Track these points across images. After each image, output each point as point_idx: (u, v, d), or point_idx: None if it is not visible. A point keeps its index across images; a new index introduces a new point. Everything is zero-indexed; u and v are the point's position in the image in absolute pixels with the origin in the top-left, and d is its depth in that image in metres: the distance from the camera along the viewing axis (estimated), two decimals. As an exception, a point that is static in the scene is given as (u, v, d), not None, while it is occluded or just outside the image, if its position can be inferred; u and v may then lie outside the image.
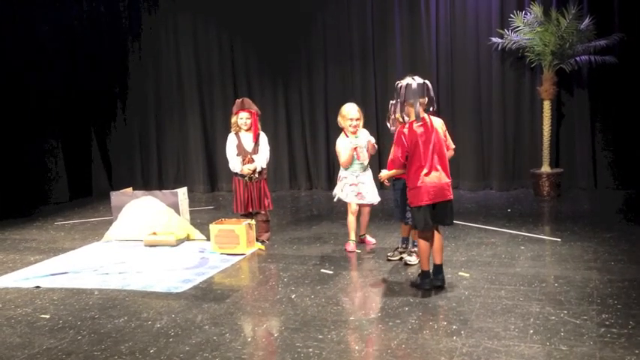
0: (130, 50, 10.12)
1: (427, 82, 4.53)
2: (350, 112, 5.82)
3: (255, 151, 6.15)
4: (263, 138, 6.25)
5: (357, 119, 5.81)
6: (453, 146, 4.80)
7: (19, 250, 6.56)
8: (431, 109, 4.54)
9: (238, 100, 6.29)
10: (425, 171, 4.42)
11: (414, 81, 4.47)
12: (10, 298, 4.94)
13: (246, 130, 6.18)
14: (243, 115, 6.14)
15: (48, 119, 9.40)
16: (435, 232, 4.62)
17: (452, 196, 4.55)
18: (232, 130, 6.25)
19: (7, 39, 8.82)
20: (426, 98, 4.50)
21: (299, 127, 9.55)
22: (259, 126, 6.23)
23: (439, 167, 4.47)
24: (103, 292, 5.00)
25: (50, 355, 3.78)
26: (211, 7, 9.58)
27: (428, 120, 4.51)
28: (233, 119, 6.23)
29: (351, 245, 5.85)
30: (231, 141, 6.23)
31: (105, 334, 4.07)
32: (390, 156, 4.60)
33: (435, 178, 4.44)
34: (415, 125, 4.45)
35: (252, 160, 6.13)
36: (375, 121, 8.92)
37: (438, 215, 4.54)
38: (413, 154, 4.46)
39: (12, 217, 8.26)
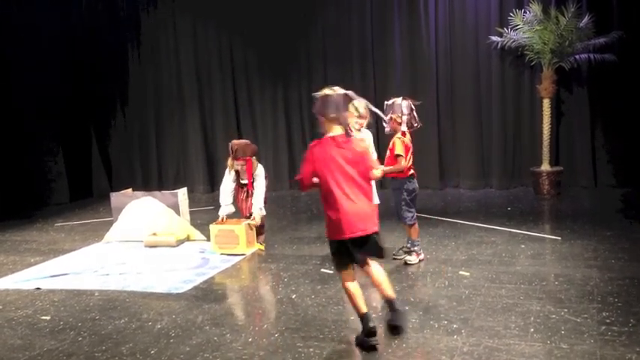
0: (130, 51, 10.12)
1: (350, 92, 3.77)
2: (358, 109, 5.81)
3: (251, 186, 6.09)
4: (260, 177, 6.08)
5: (364, 117, 5.78)
6: (378, 166, 4.05)
7: (19, 252, 6.56)
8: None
9: (233, 147, 6.01)
10: (343, 198, 3.62)
11: (334, 92, 3.72)
12: (11, 300, 4.94)
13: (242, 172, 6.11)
14: (238, 163, 6.01)
15: (48, 121, 9.39)
16: (370, 267, 3.77)
17: (377, 229, 3.75)
18: (228, 168, 6.12)
19: (7, 41, 8.82)
20: (343, 112, 3.72)
21: (298, 128, 9.55)
22: (254, 167, 6.06)
23: (360, 194, 3.68)
24: (104, 293, 5.00)
25: (51, 357, 3.78)
26: (211, 9, 9.57)
27: (352, 136, 3.74)
28: (229, 162, 6.09)
29: None
30: (228, 179, 6.12)
31: (106, 335, 4.07)
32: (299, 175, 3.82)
33: (356, 207, 3.63)
34: (330, 141, 3.68)
35: (245, 202, 6.14)
36: (375, 122, 8.90)
37: (365, 249, 3.72)
38: (326, 177, 3.64)
39: (12, 218, 8.26)
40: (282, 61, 9.42)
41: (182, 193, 7.00)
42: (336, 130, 3.72)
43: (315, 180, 3.71)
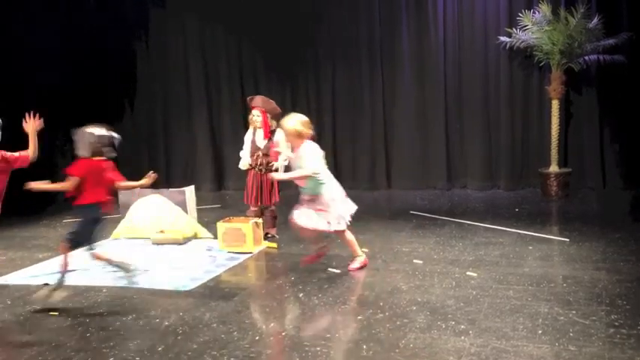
0: (138, 49, 10.15)
1: None
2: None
3: (267, 149, 6.13)
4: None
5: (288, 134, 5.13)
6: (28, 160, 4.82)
7: (27, 248, 6.59)
8: None
9: (250, 97, 6.41)
10: None
11: None
12: (19, 296, 4.97)
13: (259, 127, 6.23)
14: (255, 112, 6.22)
15: (55, 119, 9.38)
16: None
17: None
18: (250, 125, 6.35)
19: (14, 37, 8.84)
20: None
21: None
22: (271, 124, 6.21)
23: None
24: (112, 289, 5.02)
25: (59, 352, 3.79)
26: (219, 8, 9.59)
27: None
28: (249, 116, 6.36)
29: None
30: (247, 136, 6.33)
31: (113, 332, 4.08)
32: None
33: None
34: None
35: (259, 157, 6.17)
36: (383, 121, 8.94)
37: None
38: None
39: (21, 215, 8.27)
40: (290, 60, 9.43)
41: (189, 191, 7.02)
42: None
43: None
